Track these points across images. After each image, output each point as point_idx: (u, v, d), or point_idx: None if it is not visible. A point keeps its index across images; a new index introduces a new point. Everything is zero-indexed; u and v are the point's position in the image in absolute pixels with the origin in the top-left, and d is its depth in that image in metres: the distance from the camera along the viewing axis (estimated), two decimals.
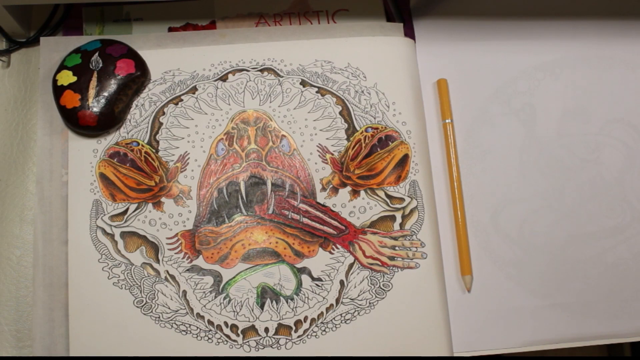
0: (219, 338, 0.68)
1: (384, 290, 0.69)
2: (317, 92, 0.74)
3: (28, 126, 0.74)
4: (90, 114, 0.70)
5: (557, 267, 0.72)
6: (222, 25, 0.77)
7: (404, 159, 0.72)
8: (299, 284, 0.69)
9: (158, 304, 0.68)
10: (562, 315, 0.70)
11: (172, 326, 0.68)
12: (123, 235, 0.69)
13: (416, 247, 0.71)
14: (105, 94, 0.70)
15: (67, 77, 0.70)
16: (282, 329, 0.68)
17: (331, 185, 0.72)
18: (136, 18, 0.76)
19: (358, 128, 0.73)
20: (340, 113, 0.73)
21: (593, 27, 0.79)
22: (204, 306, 0.68)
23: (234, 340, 0.68)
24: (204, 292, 0.69)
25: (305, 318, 0.69)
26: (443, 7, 0.79)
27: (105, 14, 0.76)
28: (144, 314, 0.68)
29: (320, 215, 0.71)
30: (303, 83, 0.74)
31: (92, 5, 0.76)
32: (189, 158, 0.71)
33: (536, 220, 0.73)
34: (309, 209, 0.71)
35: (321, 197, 0.71)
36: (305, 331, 0.68)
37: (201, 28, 0.76)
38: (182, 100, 0.73)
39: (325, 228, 0.71)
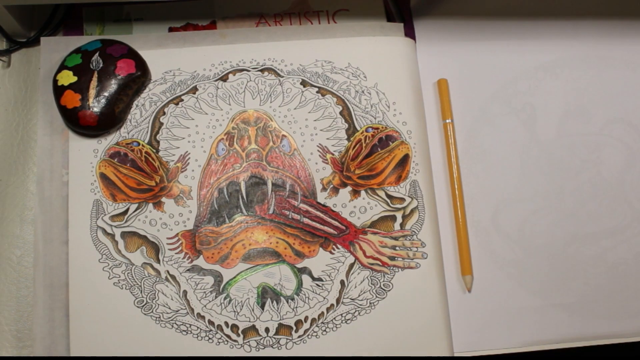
0: (220, 338, 0.68)
1: (384, 290, 0.69)
2: (317, 92, 0.74)
3: (28, 126, 0.74)
4: (91, 114, 0.70)
5: (557, 267, 0.72)
6: (222, 25, 0.77)
7: (405, 159, 0.73)
8: (300, 284, 0.69)
9: (158, 304, 0.68)
10: (562, 315, 0.70)
11: (172, 326, 0.68)
12: (123, 235, 0.69)
13: (417, 247, 0.71)
14: (106, 94, 0.70)
15: (67, 77, 0.70)
16: (282, 329, 0.68)
17: (332, 185, 0.72)
18: (136, 18, 0.76)
19: (358, 128, 0.73)
20: (340, 113, 0.73)
21: (593, 27, 0.79)
22: (205, 306, 0.68)
23: (235, 340, 0.68)
24: (205, 292, 0.69)
25: (306, 318, 0.69)
26: (443, 7, 0.79)
27: (105, 14, 0.76)
28: (145, 314, 0.68)
29: (321, 215, 0.71)
30: (303, 83, 0.74)
31: (92, 5, 0.76)
32: (189, 158, 0.71)
33: (536, 220, 0.73)
34: (310, 209, 0.71)
35: (322, 197, 0.71)
36: (305, 331, 0.68)
37: (201, 28, 0.76)
38: (182, 100, 0.73)
39: (326, 228, 0.71)
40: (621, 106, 0.77)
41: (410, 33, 0.77)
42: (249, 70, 0.74)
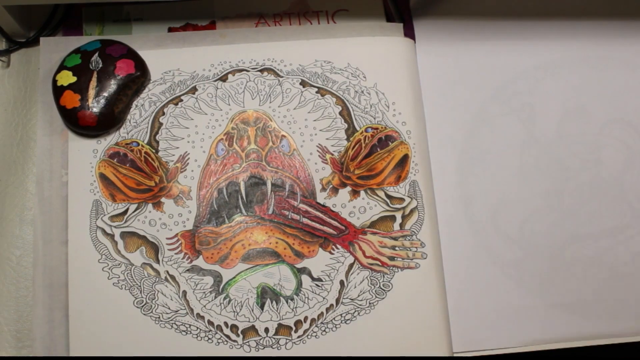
0: (219, 338, 0.68)
1: (384, 290, 0.69)
2: (317, 92, 0.74)
3: (28, 126, 0.74)
4: (90, 114, 0.69)
5: (557, 267, 0.72)
6: (222, 25, 0.77)
7: (404, 159, 0.72)
8: (299, 284, 0.69)
9: (158, 304, 0.68)
10: (562, 315, 0.70)
11: (172, 326, 0.68)
12: (123, 235, 0.69)
13: (416, 247, 0.70)
14: (105, 94, 0.70)
15: (67, 78, 0.70)
16: (282, 329, 0.68)
17: (331, 186, 0.72)
18: (136, 18, 0.76)
19: (358, 128, 0.73)
20: (340, 113, 0.73)
21: (593, 27, 0.79)
22: (204, 306, 0.68)
23: (234, 341, 0.68)
24: (204, 292, 0.69)
25: (305, 318, 0.69)
26: (443, 7, 0.79)
27: (105, 14, 0.76)
28: (144, 314, 0.68)
29: (320, 215, 0.71)
30: (303, 83, 0.74)
31: (92, 6, 0.76)
32: (188, 158, 0.71)
33: (536, 221, 0.73)
34: (309, 209, 0.71)
35: (321, 197, 0.71)
36: (305, 331, 0.68)
37: (201, 28, 0.76)
38: (182, 100, 0.73)
39: (325, 228, 0.71)
40: (621, 106, 0.77)
41: (409, 33, 0.77)
42: (248, 71, 0.74)
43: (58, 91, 0.70)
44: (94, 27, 0.76)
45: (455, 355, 0.69)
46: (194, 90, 0.73)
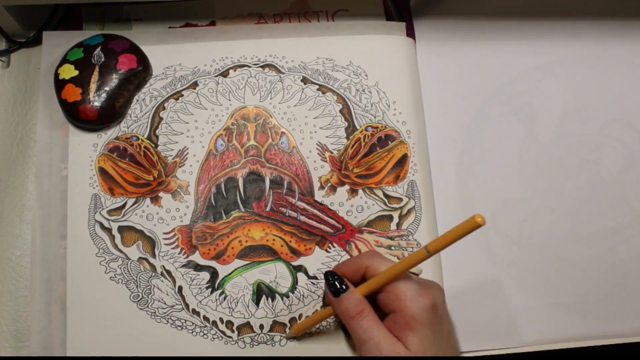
0: (215, 334, 0.67)
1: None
2: (318, 89, 0.74)
3: (28, 126, 0.74)
4: (91, 108, 0.70)
5: (557, 267, 0.71)
6: (221, 25, 0.77)
7: (403, 159, 0.72)
8: (295, 281, 0.69)
9: (154, 299, 0.68)
10: (562, 315, 0.70)
11: (167, 321, 0.67)
12: (120, 229, 0.69)
13: (412, 248, 0.70)
14: (107, 88, 0.70)
15: (68, 71, 0.71)
16: (276, 326, 0.68)
17: (329, 184, 0.71)
18: (136, 18, 0.77)
19: (358, 127, 0.73)
20: (340, 111, 0.73)
21: (593, 27, 0.79)
22: (200, 302, 0.68)
23: (229, 337, 0.67)
24: (200, 288, 0.68)
25: (300, 316, 0.68)
26: (443, 7, 0.79)
27: (105, 14, 0.77)
28: (140, 308, 0.67)
29: (318, 213, 0.71)
30: (304, 80, 0.74)
31: (92, 6, 0.77)
32: (187, 153, 0.71)
33: (536, 221, 0.72)
34: (307, 207, 0.71)
35: (319, 195, 0.71)
36: None
37: None
38: (182, 95, 0.73)
39: (322, 226, 0.70)
40: (621, 106, 0.77)
41: (409, 33, 0.78)
42: (249, 66, 0.74)
43: (60, 84, 0.70)
44: (94, 27, 0.76)
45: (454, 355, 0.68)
46: (195, 85, 0.73)
